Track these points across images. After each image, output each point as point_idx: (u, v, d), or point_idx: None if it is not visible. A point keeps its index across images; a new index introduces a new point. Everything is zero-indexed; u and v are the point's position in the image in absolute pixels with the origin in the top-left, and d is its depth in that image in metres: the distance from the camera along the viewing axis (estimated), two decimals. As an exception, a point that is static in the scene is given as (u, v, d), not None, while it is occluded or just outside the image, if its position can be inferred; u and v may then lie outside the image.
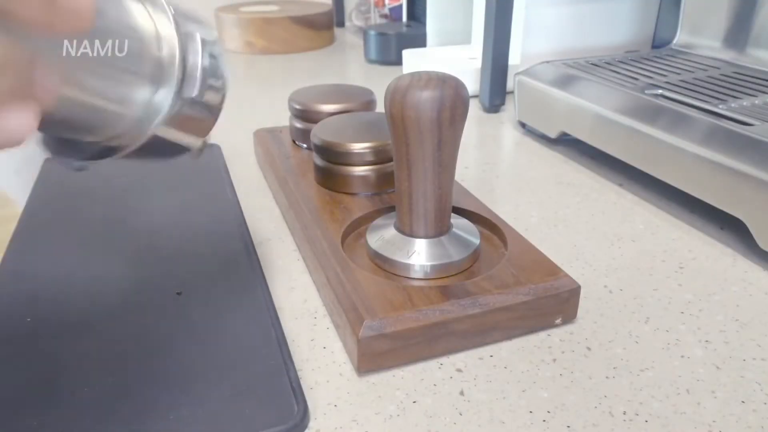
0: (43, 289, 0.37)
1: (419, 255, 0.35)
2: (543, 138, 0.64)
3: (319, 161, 0.46)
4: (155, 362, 0.31)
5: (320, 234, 0.39)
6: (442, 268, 0.36)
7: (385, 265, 0.36)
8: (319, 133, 0.45)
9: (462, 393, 0.30)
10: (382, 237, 0.37)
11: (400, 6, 1.12)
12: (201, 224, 0.45)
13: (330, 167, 0.45)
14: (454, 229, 0.37)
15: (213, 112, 0.28)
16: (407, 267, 0.36)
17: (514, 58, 0.75)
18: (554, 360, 0.33)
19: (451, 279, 0.36)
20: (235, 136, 0.65)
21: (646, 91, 0.54)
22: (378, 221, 0.40)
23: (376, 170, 0.44)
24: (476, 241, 0.37)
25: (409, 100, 0.32)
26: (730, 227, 0.46)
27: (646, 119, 0.49)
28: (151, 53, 0.24)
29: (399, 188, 0.35)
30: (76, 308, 0.35)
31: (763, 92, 0.53)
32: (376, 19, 1.21)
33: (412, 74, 0.33)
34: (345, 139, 0.44)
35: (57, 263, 0.40)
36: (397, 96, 0.32)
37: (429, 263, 0.35)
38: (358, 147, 0.44)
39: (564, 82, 0.60)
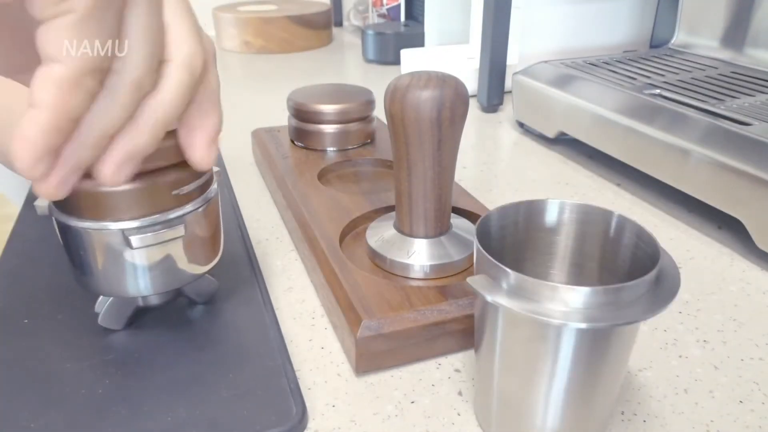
0: (40, 290, 0.37)
1: (419, 255, 0.35)
2: (541, 138, 0.64)
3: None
4: (153, 363, 0.31)
5: (318, 234, 0.39)
6: (442, 268, 0.36)
7: (384, 265, 0.36)
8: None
9: (460, 393, 0.30)
10: (382, 237, 0.37)
11: (398, 6, 1.12)
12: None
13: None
14: (453, 229, 0.37)
15: None
16: (407, 267, 0.35)
17: (513, 57, 0.75)
18: (552, 360, 0.33)
19: (450, 279, 0.36)
20: (232, 136, 0.65)
21: (644, 91, 0.54)
22: (377, 221, 0.39)
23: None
24: None
25: (409, 100, 0.32)
26: (728, 227, 0.46)
27: (644, 119, 0.49)
28: None
29: (398, 188, 0.35)
30: (73, 309, 0.35)
31: (761, 92, 0.53)
32: (374, 18, 1.21)
33: (412, 74, 0.33)
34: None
35: (54, 263, 0.39)
36: (397, 96, 0.32)
37: (429, 263, 0.35)
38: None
39: (562, 81, 0.60)
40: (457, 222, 0.39)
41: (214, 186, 0.32)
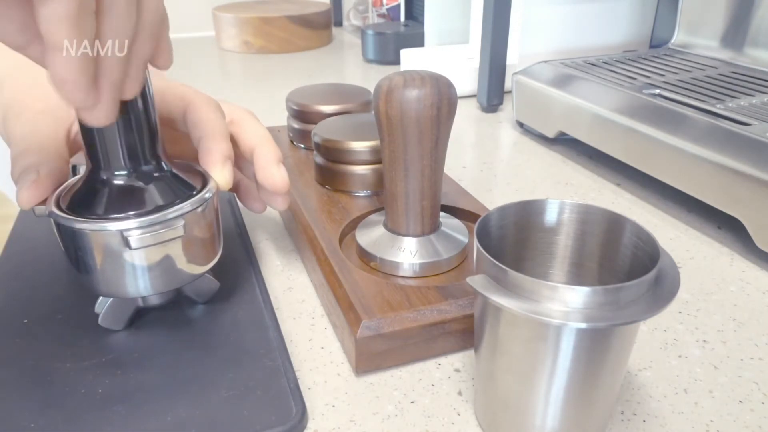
0: (40, 290, 0.37)
1: (409, 253, 0.36)
2: (541, 138, 0.64)
3: (319, 160, 0.46)
4: (153, 363, 0.31)
5: (318, 234, 0.39)
6: (432, 266, 0.36)
7: (374, 263, 0.36)
8: (320, 131, 0.45)
9: (460, 393, 0.30)
10: (371, 236, 0.37)
11: (398, 5, 1.12)
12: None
13: (330, 166, 0.45)
14: (442, 228, 0.37)
15: None
16: (397, 265, 0.36)
17: (512, 57, 0.75)
18: (552, 360, 0.33)
19: (439, 277, 0.36)
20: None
21: (643, 91, 0.54)
22: (366, 221, 0.40)
23: (375, 169, 0.44)
24: (465, 239, 0.37)
25: (408, 100, 0.32)
26: (728, 227, 0.46)
27: (644, 119, 0.49)
28: None
29: (392, 188, 0.35)
30: (73, 309, 0.35)
31: (761, 92, 0.53)
32: (373, 18, 1.21)
33: (402, 73, 0.33)
34: (346, 137, 0.44)
35: (54, 262, 0.39)
36: (394, 96, 0.32)
37: (419, 261, 0.35)
38: (359, 146, 0.44)
39: (562, 81, 0.60)
40: (446, 220, 0.39)
41: (213, 185, 0.32)
